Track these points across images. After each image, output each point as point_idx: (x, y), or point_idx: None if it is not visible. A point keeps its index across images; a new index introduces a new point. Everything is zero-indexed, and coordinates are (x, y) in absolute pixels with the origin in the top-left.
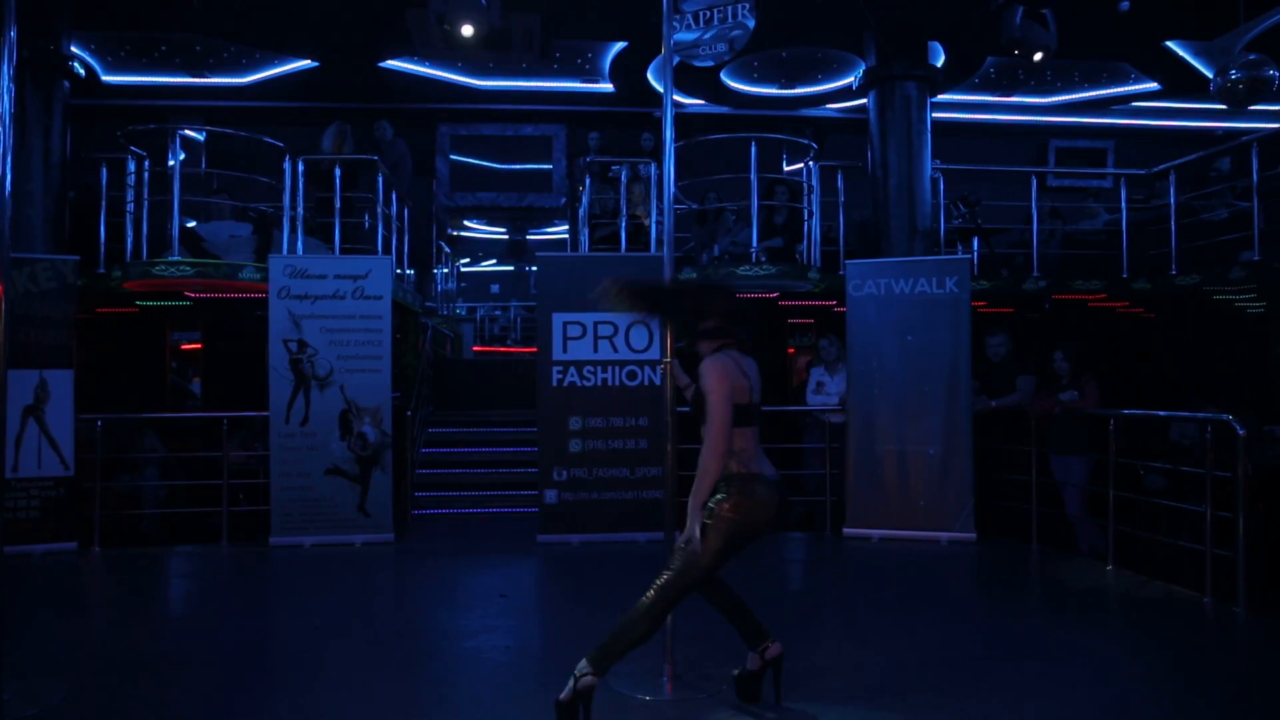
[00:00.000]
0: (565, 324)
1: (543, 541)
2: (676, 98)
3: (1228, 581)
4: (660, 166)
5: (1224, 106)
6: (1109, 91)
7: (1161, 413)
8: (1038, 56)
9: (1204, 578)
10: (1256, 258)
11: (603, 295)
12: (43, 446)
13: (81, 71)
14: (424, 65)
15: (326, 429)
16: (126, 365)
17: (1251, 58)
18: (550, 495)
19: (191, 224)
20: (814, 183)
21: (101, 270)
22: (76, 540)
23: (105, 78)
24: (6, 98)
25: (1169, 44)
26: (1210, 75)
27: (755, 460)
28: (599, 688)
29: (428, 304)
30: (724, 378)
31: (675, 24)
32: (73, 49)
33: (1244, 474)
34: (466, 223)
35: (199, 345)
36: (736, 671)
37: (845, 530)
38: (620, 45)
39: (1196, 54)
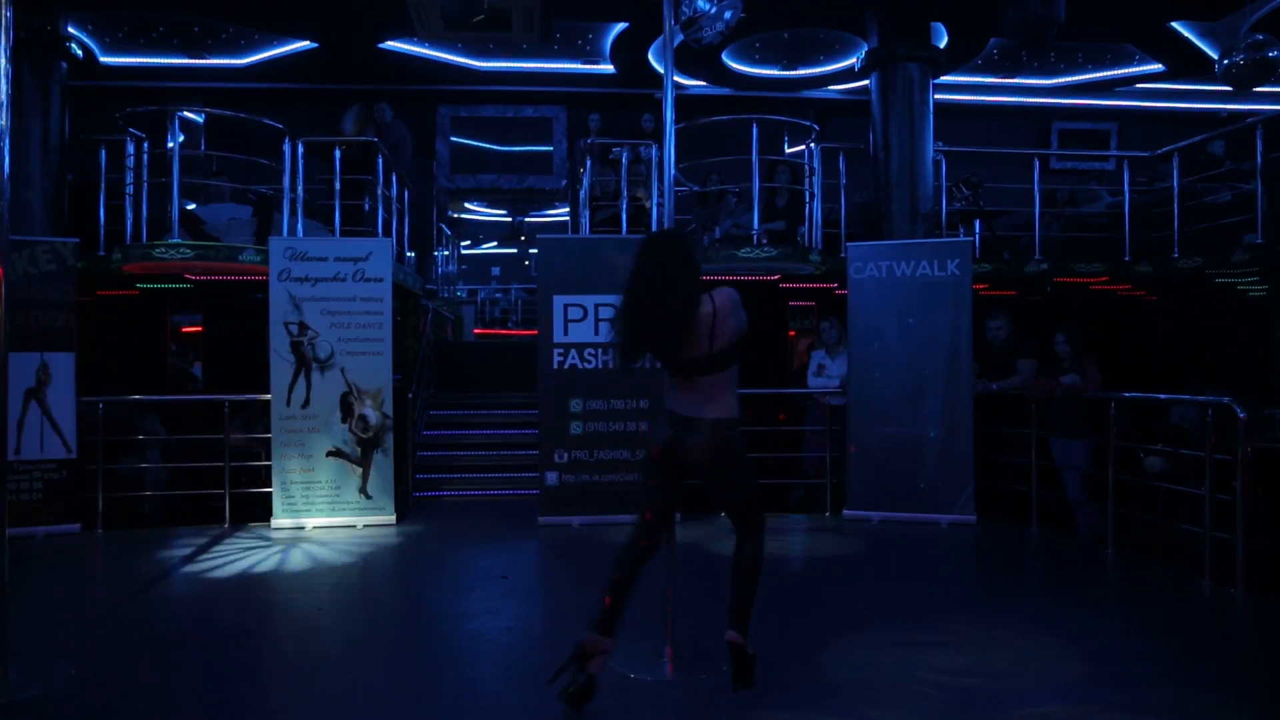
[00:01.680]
0: (566, 306)
1: (543, 523)
2: (677, 79)
3: (1226, 564)
4: (661, 148)
5: (1229, 88)
6: (1113, 73)
7: (1162, 395)
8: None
9: (1203, 560)
10: (1260, 240)
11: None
12: (45, 429)
13: (79, 53)
14: (423, 46)
15: (327, 411)
16: (127, 348)
17: (1258, 39)
18: (551, 477)
19: (191, 206)
20: (815, 165)
21: (101, 253)
22: (79, 522)
23: (103, 59)
24: (4, 79)
25: (1174, 25)
26: (1215, 57)
27: (669, 398)
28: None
29: (428, 286)
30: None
31: (685, 8)
32: (70, 30)
33: (1244, 457)
34: (467, 205)
35: (199, 328)
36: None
37: (845, 512)
38: (621, 26)
39: (1202, 35)
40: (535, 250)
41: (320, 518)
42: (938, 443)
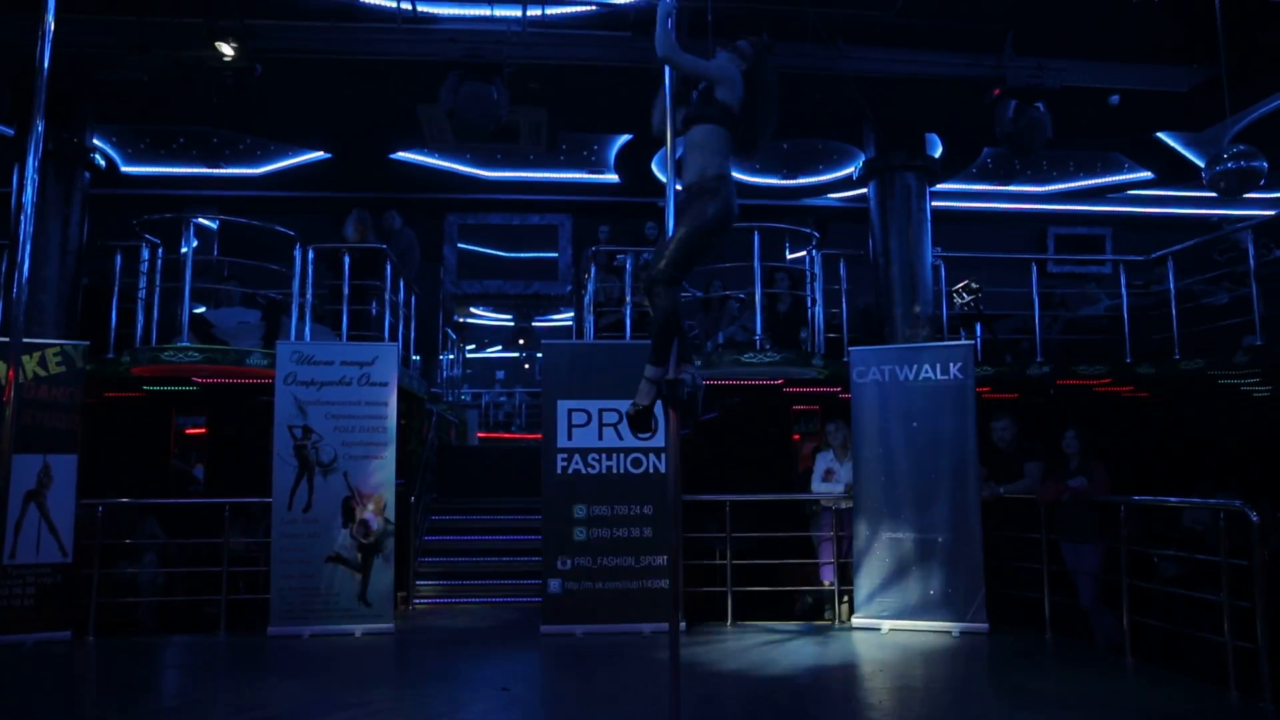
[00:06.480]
0: (570, 411)
1: (546, 632)
2: (679, 188)
3: (1251, 673)
4: None
5: (1216, 195)
6: (1104, 180)
7: (1173, 499)
8: (1025, 154)
9: (1226, 669)
10: (1259, 342)
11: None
12: (42, 532)
13: (102, 163)
14: (433, 156)
15: (329, 516)
16: (130, 450)
17: (1240, 149)
18: (554, 584)
19: (201, 310)
20: (817, 270)
21: (111, 355)
22: (70, 629)
23: (124, 168)
24: (30, 189)
25: (1160, 135)
26: (1202, 165)
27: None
28: None
29: (433, 390)
30: None
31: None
32: (95, 141)
33: (1260, 561)
34: (473, 309)
35: (204, 429)
36: None
37: (854, 620)
38: (625, 137)
39: (1187, 145)
40: (540, 355)
41: (318, 625)
42: (946, 548)
